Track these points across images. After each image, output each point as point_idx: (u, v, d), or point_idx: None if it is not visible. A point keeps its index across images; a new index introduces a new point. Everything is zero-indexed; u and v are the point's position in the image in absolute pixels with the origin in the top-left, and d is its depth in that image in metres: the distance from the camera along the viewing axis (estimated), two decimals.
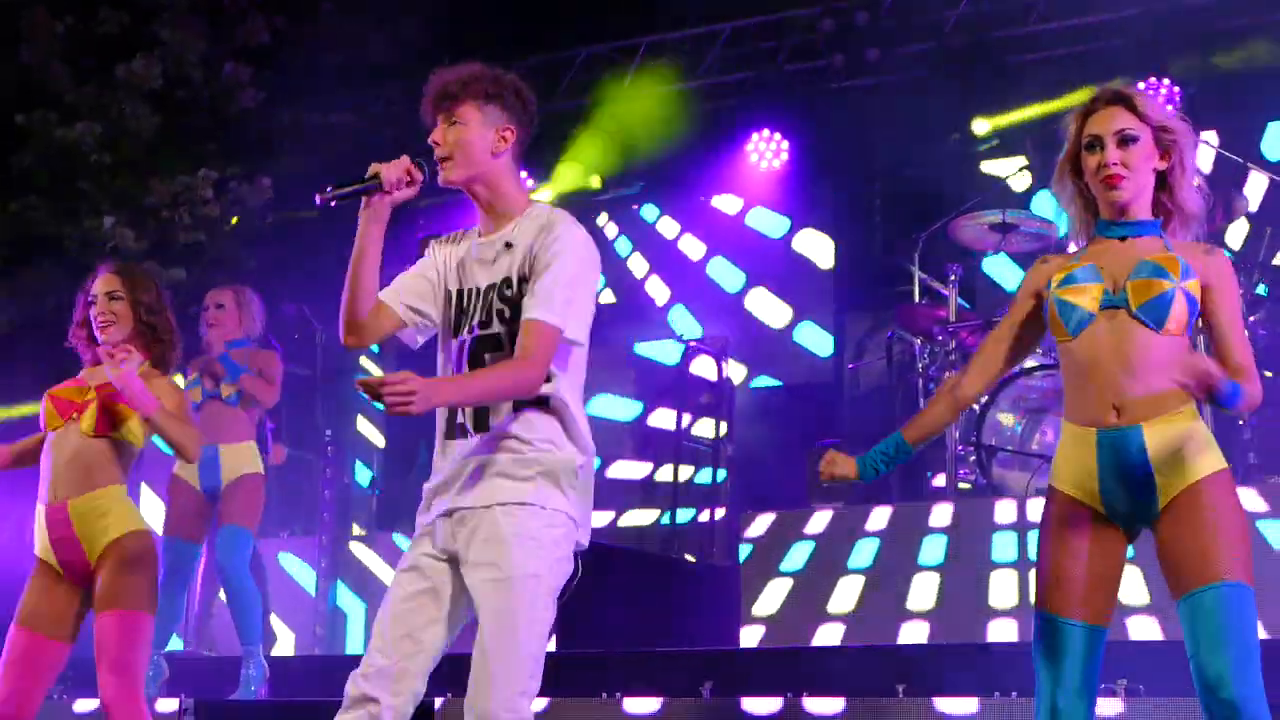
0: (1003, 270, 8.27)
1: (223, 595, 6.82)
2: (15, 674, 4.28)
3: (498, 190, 3.26)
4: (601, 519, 8.68)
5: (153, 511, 6.99)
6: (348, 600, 7.97)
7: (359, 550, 8.10)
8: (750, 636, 6.70)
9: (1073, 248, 3.34)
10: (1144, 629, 5.54)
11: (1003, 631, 6.10)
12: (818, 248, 10.02)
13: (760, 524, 6.99)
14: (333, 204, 3.36)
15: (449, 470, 3.24)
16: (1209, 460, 2.92)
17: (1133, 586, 5.31)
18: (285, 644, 8.14)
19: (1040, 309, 3.14)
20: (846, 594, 6.63)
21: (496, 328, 3.19)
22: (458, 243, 3.39)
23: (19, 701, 4.26)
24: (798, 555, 6.82)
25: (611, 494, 9.10)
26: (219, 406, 6.59)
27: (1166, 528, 2.96)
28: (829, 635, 6.53)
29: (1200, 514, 2.91)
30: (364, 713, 3.09)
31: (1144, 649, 5.46)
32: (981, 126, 9.11)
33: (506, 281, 3.20)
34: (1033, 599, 3.12)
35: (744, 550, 7.06)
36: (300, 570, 8.20)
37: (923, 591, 6.41)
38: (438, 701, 5.24)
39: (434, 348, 3.45)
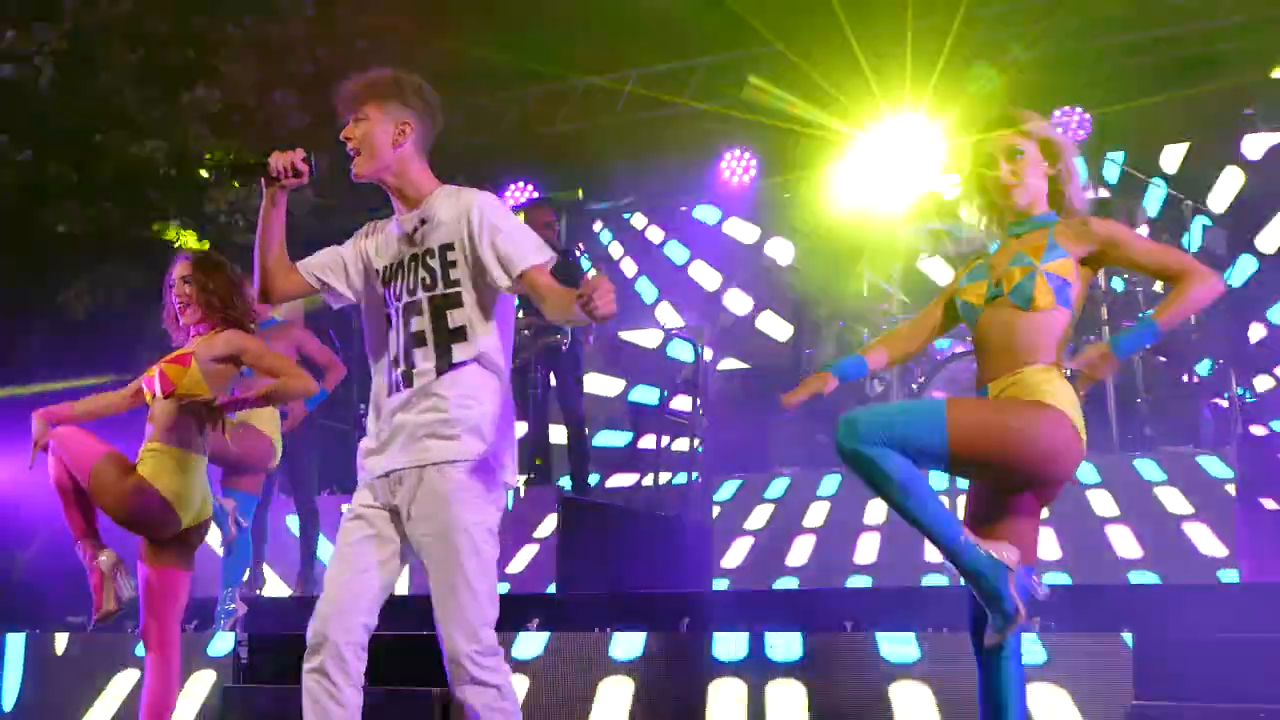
0: (937, 269, 8.43)
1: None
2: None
3: (404, 177, 3.32)
4: (593, 479, 8.88)
5: None
6: None
7: None
8: (720, 582, 7.01)
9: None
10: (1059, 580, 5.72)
11: (934, 579, 6.42)
12: (781, 249, 10.30)
13: (728, 488, 7.34)
14: (230, 177, 3.65)
15: (384, 433, 3.32)
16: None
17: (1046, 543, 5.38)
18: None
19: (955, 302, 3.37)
20: (802, 548, 6.94)
21: (420, 294, 3.27)
22: (379, 230, 3.45)
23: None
24: (760, 515, 7.18)
25: (602, 459, 9.44)
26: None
27: None
28: (787, 581, 6.85)
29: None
30: (324, 653, 3.17)
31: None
32: None
33: (429, 252, 3.28)
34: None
35: (715, 509, 7.35)
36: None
37: (867, 547, 6.77)
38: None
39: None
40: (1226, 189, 8.77)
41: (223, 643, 6.01)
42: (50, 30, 9.77)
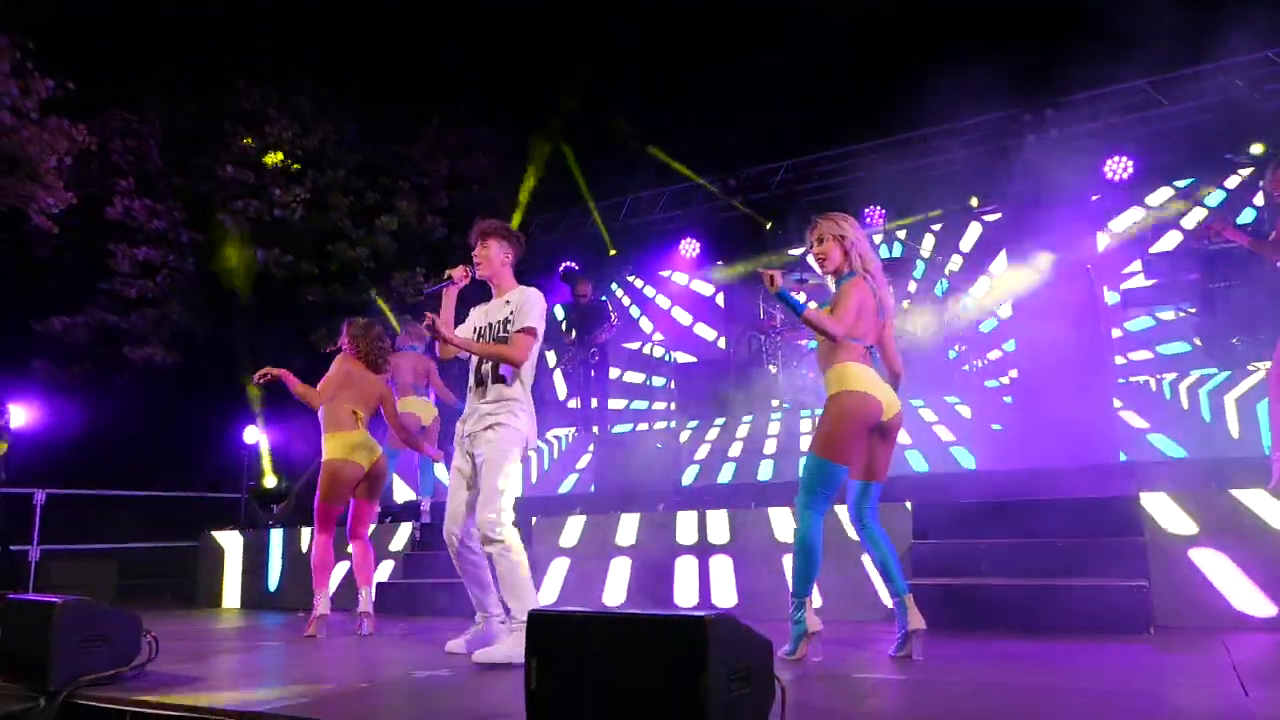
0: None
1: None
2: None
3: (501, 281, 3.95)
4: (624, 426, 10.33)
5: None
6: None
7: None
8: (687, 478, 8.11)
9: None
10: None
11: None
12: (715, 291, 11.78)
13: (691, 425, 8.84)
14: (427, 291, 4.01)
15: (471, 412, 3.82)
16: (832, 388, 3.38)
17: None
18: None
19: None
20: (729, 468, 8.13)
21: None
22: (480, 310, 3.97)
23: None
24: (712, 434, 8.58)
25: (617, 417, 10.71)
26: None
27: None
28: (725, 474, 8.16)
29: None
30: (456, 545, 3.79)
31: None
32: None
33: (501, 323, 3.84)
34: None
35: (685, 434, 8.63)
36: None
37: (770, 452, 8.07)
38: None
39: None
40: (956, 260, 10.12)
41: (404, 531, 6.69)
42: (301, 187, 11.57)
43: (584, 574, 5.60)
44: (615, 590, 5.51)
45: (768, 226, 10.98)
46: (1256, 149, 8.22)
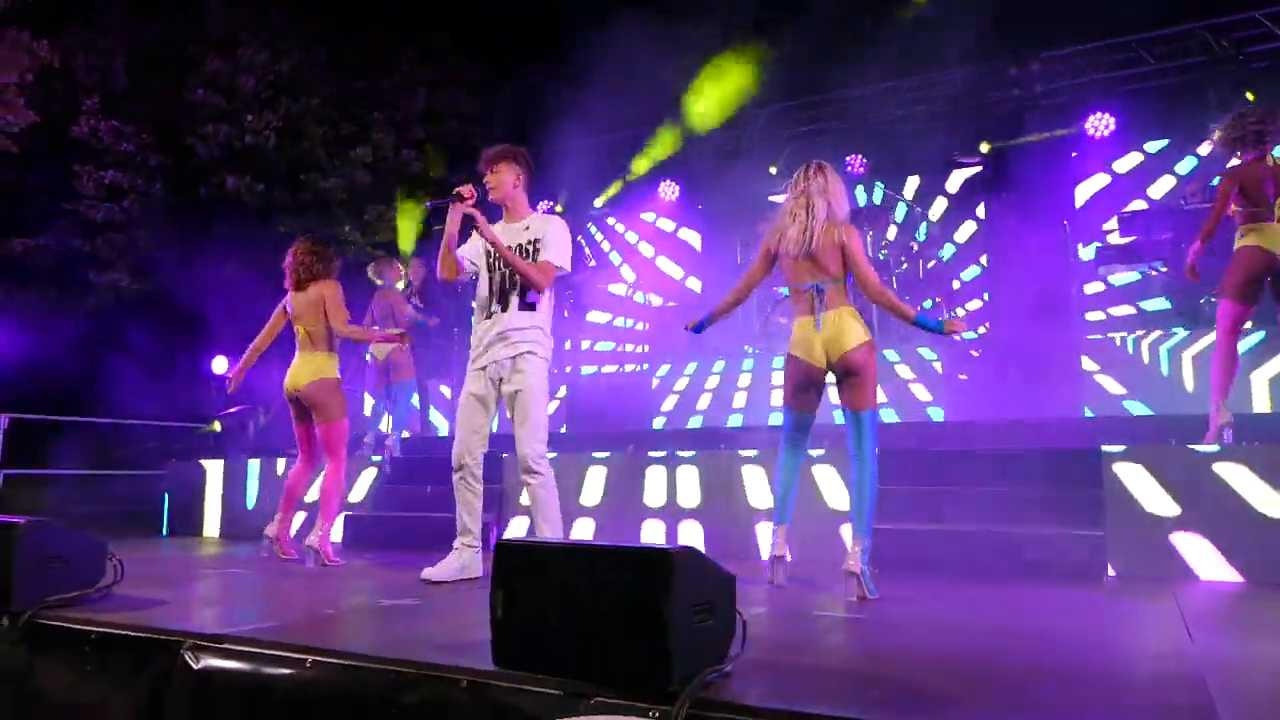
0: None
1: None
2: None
3: (515, 205, 3.87)
4: (588, 363, 10.34)
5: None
6: None
7: None
8: (658, 423, 8.29)
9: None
10: None
11: (777, 419, 6.83)
12: (692, 238, 11.55)
13: (664, 368, 8.62)
14: (431, 205, 3.94)
15: (494, 338, 3.71)
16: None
17: None
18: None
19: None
20: (703, 406, 8.22)
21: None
22: (494, 226, 3.78)
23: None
24: (682, 384, 8.45)
25: (602, 354, 10.82)
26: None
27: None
28: (695, 422, 8.21)
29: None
30: (463, 470, 3.79)
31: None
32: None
33: (523, 247, 3.75)
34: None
35: (655, 381, 8.65)
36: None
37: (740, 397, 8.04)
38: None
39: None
40: (939, 206, 10.12)
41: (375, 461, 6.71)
42: (274, 114, 11.33)
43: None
44: (583, 530, 5.53)
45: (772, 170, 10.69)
46: (1249, 97, 8.18)
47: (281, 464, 6.93)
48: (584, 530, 5.50)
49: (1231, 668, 2.27)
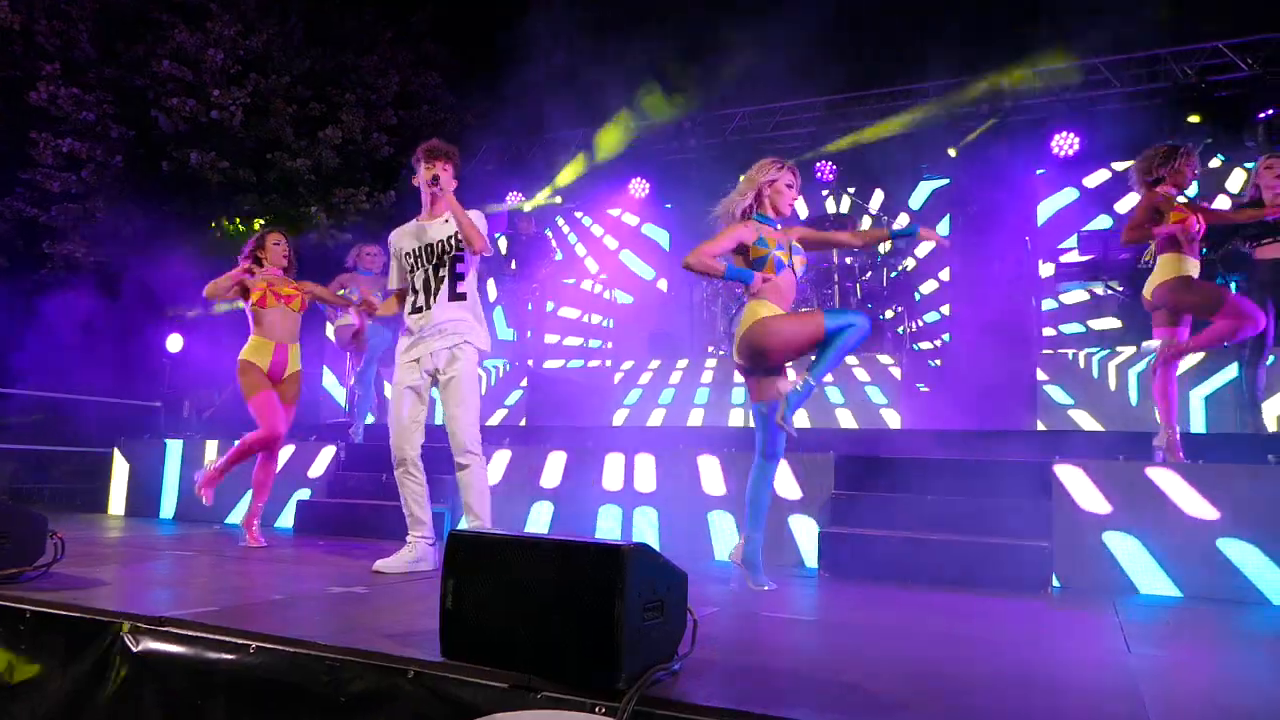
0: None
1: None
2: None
3: (442, 201, 3.92)
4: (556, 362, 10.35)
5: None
6: None
7: None
8: (619, 419, 8.27)
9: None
10: None
11: (739, 418, 7.37)
12: (660, 236, 11.64)
13: (627, 364, 8.55)
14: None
15: (427, 329, 3.80)
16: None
17: None
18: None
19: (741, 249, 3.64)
20: (664, 406, 8.08)
21: (446, 257, 3.80)
22: (403, 234, 3.98)
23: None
24: (645, 378, 8.30)
25: (563, 352, 10.86)
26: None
27: None
28: (655, 419, 8.07)
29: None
30: (405, 463, 3.83)
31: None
32: None
33: (450, 239, 3.86)
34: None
35: (618, 375, 8.45)
36: None
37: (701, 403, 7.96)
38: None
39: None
40: (903, 220, 10.09)
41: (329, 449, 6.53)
42: (241, 90, 10.93)
43: (508, 504, 5.53)
44: (538, 523, 5.53)
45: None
46: (1193, 119, 8.34)
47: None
48: (543, 513, 5.51)
49: (1166, 678, 2.32)
